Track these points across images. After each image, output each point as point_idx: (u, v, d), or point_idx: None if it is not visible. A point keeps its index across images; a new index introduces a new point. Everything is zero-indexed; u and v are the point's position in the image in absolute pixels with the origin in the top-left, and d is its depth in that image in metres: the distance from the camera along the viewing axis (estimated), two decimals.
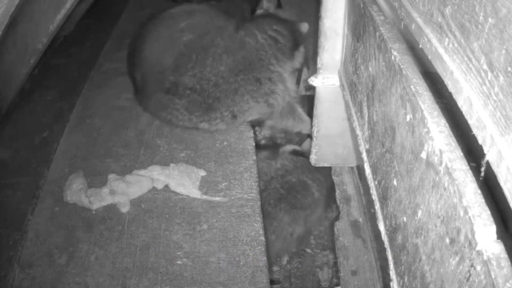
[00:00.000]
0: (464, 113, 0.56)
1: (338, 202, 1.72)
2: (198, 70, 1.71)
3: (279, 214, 1.67)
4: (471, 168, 0.55)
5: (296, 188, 1.72)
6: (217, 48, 1.73)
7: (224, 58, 1.71)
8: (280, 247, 1.70)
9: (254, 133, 1.88)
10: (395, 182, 0.78)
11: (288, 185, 1.73)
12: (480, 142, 0.52)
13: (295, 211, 1.69)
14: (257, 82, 1.75)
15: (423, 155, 0.63)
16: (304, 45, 1.88)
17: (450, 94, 0.60)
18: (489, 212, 0.50)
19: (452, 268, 0.54)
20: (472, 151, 0.64)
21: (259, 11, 2.06)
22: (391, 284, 0.81)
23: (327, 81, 1.35)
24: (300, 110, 1.90)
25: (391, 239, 0.82)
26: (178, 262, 1.34)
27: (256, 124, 1.98)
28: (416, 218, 0.67)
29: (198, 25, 1.82)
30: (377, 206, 0.90)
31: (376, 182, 0.92)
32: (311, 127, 1.52)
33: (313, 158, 1.56)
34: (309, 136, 1.80)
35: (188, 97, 1.73)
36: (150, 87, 1.81)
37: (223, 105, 1.74)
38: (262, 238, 1.40)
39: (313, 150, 1.53)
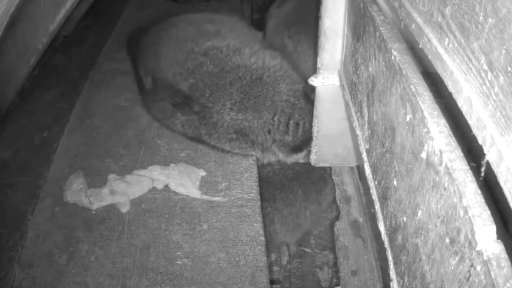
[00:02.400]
0: (464, 113, 0.56)
1: (338, 202, 1.72)
2: (210, 93, 1.63)
3: (294, 187, 1.78)
4: (471, 168, 0.55)
5: (308, 168, 1.82)
6: (238, 71, 1.65)
7: (248, 78, 1.64)
8: (293, 224, 1.78)
9: None
10: (395, 182, 0.78)
11: (301, 165, 1.83)
12: (480, 142, 0.52)
13: (308, 186, 1.81)
14: (252, 144, 1.67)
15: (423, 155, 0.63)
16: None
17: (450, 94, 0.60)
18: (489, 212, 0.50)
19: (452, 268, 0.54)
20: (472, 151, 0.64)
21: None
22: (391, 284, 0.81)
23: (327, 81, 1.34)
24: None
25: (391, 239, 0.82)
26: (178, 262, 1.34)
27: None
28: (416, 218, 0.67)
29: (224, 40, 1.75)
30: (377, 206, 0.90)
31: (376, 182, 0.92)
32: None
33: (313, 158, 1.56)
34: None
35: (190, 116, 1.68)
36: (160, 94, 1.77)
37: (213, 142, 1.68)
38: (262, 238, 1.41)
39: (313, 150, 1.53)
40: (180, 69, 1.70)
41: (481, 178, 0.54)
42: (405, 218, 0.73)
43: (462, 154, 0.57)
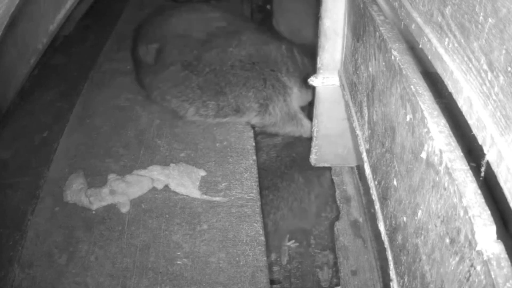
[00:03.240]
0: (464, 113, 0.56)
1: (338, 202, 1.72)
2: (221, 49, 1.78)
3: (294, 175, 1.78)
4: (471, 168, 0.55)
5: (304, 155, 1.82)
6: (242, 35, 1.83)
7: (247, 45, 1.80)
8: (299, 211, 1.79)
9: (254, 133, 1.88)
10: (395, 182, 0.78)
11: (296, 152, 1.85)
12: (480, 142, 0.52)
13: (307, 172, 1.80)
14: (264, 82, 1.78)
15: (423, 155, 0.63)
16: None
17: (450, 94, 0.60)
18: (489, 212, 0.50)
19: (452, 268, 0.54)
20: (472, 151, 0.64)
21: None
22: (391, 284, 0.81)
23: (327, 81, 1.34)
24: (301, 116, 1.91)
25: (391, 239, 0.82)
26: (178, 262, 1.34)
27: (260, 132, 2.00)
28: (416, 218, 0.67)
29: (230, 17, 1.97)
30: (377, 206, 0.90)
31: (376, 182, 0.92)
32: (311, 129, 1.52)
33: (313, 158, 1.56)
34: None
35: (205, 76, 1.77)
36: (169, 58, 1.85)
37: (232, 92, 1.78)
38: (262, 238, 1.40)
39: (313, 150, 1.53)
40: (193, 33, 1.88)
41: (481, 178, 0.53)
42: (405, 218, 0.73)
43: (462, 154, 0.57)
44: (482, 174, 0.53)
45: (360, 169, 1.64)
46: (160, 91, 1.86)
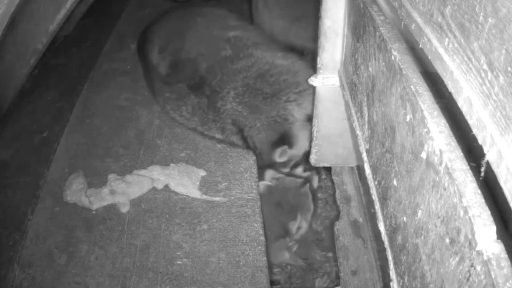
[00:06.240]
0: (464, 113, 0.56)
1: (338, 202, 1.72)
2: (222, 79, 1.71)
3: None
4: (471, 168, 0.55)
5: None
6: (252, 56, 1.75)
7: (255, 68, 1.72)
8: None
9: None
10: (395, 182, 0.78)
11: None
12: (480, 142, 0.52)
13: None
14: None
15: (423, 155, 0.63)
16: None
17: (450, 94, 0.60)
18: (489, 212, 0.50)
19: (452, 268, 0.54)
20: (472, 151, 0.64)
21: None
22: (391, 284, 0.81)
23: (327, 81, 1.34)
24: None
25: (391, 239, 0.82)
26: (178, 262, 1.34)
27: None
28: (416, 218, 0.67)
29: (245, 33, 1.89)
30: (377, 206, 0.90)
31: (376, 182, 0.92)
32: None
33: (313, 158, 1.56)
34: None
35: (201, 99, 1.74)
36: (178, 77, 1.83)
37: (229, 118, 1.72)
38: (262, 238, 1.41)
39: (313, 150, 1.53)
40: (203, 49, 1.82)
41: (481, 178, 0.53)
42: (405, 218, 0.73)
43: (462, 154, 0.57)
44: (482, 174, 0.53)
45: (360, 169, 1.64)
46: (163, 98, 1.88)
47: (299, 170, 1.71)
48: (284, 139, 1.64)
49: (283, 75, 1.71)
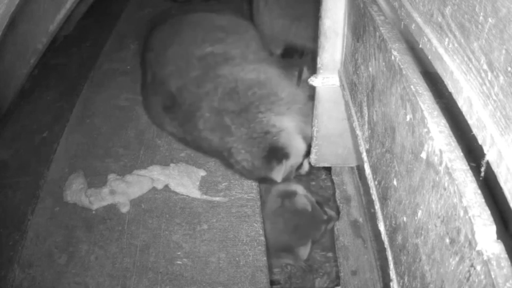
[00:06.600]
0: (464, 113, 0.56)
1: (338, 202, 1.72)
2: (194, 104, 1.60)
3: None
4: (471, 168, 0.55)
5: None
6: (217, 79, 1.62)
7: (219, 91, 1.59)
8: None
9: None
10: (395, 182, 0.78)
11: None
12: (480, 142, 0.52)
13: None
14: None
15: (423, 155, 0.63)
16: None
17: (450, 94, 0.60)
18: (489, 212, 0.50)
19: (452, 268, 0.54)
20: (472, 151, 0.64)
21: None
22: (391, 284, 0.81)
23: (327, 81, 1.34)
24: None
25: (391, 239, 0.82)
26: (178, 262, 1.34)
27: None
28: (416, 218, 0.67)
29: (225, 47, 1.74)
30: (377, 206, 0.90)
31: (376, 182, 0.92)
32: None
33: (313, 158, 1.56)
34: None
35: (182, 127, 1.67)
36: (156, 90, 1.77)
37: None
38: (262, 238, 1.41)
39: (313, 150, 1.53)
40: (175, 68, 1.70)
41: (481, 178, 0.53)
42: (405, 218, 0.73)
43: (462, 154, 0.57)
44: (482, 174, 0.53)
45: (360, 169, 1.64)
46: (149, 110, 1.86)
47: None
48: (275, 152, 1.52)
49: (251, 89, 1.59)
